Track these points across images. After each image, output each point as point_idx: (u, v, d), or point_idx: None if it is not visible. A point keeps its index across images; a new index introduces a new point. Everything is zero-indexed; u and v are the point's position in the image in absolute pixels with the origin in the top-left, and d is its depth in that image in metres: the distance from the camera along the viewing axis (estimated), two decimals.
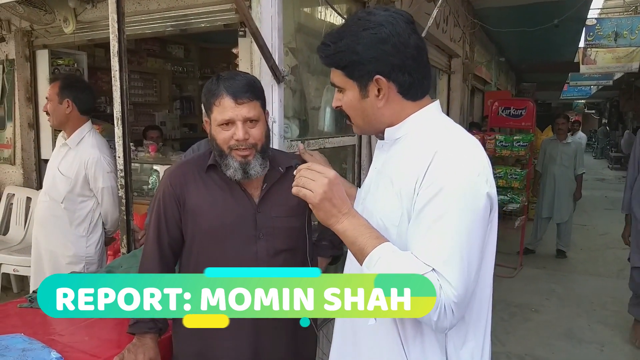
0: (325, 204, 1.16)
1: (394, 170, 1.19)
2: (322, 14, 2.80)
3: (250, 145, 1.54)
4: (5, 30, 4.01)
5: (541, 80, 14.16)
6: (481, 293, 1.20)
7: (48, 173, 2.89)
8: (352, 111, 1.24)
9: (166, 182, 1.67)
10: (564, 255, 6.34)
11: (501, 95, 8.43)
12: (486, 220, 1.12)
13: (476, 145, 1.18)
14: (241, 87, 1.54)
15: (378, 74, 1.17)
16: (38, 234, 2.93)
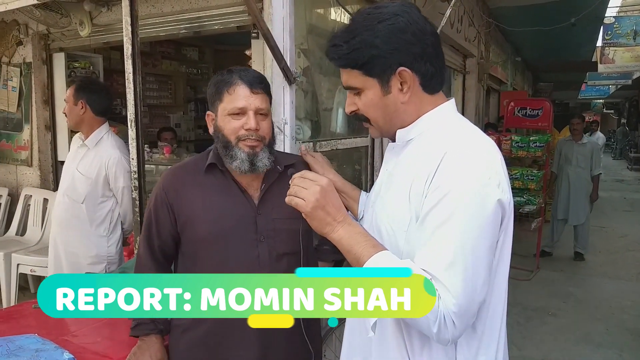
0: (319, 213, 1.13)
1: (405, 173, 1.15)
2: (333, 15, 2.79)
3: (260, 137, 1.51)
4: (23, 34, 4.07)
5: (558, 79, 13.96)
6: (495, 303, 1.14)
7: (65, 174, 2.93)
8: (374, 111, 1.18)
9: (159, 187, 1.62)
10: (582, 257, 6.24)
11: (517, 96, 8.33)
12: (496, 227, 1.07)
13: (490, 148, 1.12)
14: (256, 77, 1.54)
15: (401, 66, 1.11)
16: (57, 235, 2.95)
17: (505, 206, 1.07)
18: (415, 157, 1.14)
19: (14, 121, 4.34)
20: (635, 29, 7.45)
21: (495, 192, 1.04)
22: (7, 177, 4.54)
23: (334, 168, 3.09)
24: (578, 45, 8.99)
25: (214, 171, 1.57)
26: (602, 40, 8.10)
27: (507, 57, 8.86)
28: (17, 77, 4.18)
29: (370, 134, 1.30)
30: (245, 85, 1.49)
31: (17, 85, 4.21)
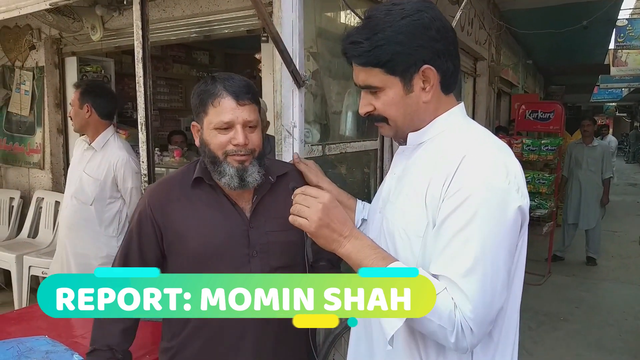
0: (324, 231, 1.09)
1: (417, 176, 1.12)
2: (343, 18, 2.79)
3: (249, 152, 1.42)
4: (36, 39, 4.13)
5: (570, 82, 13.86)
6: (511, 309, 1.12)
7: (72, 177, 2.96)
8: (393, 111, 1.13)
9: (143, 203, 1.51)
10: (594, 262, 6.17)
11: (528, 99, 8.27)
12: (516, 234, 1.05)
13: (507, 152, 1.10)
14: (242, 87, 1.42)
15: (425, 64, 1.08)
16: (66, 238, 2.98)
17: (524, 213, 1.05)
18: (429, 160, 1.11)
19: (26, 124, 4.39)
20: None
21: (515, 197, 1.02)
22: (20, 179, 4.59)
23: (343, 171, 3.10)
24: (590, 47, 8.92)
25: (202, 184, 1.48)
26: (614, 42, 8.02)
27: (518, 60, 8.80)
28: (30, 81, 4.24)
29: (381, 133, 1.26)
30: (231, 97, 1.39)
31: (30, 89, 4.26)
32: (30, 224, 4.38)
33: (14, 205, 4.46)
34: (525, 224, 1.08)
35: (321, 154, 2.40)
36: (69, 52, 4.12)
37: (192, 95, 1.47)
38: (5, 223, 4.47)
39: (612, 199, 6.30)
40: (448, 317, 0.98)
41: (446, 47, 1.10)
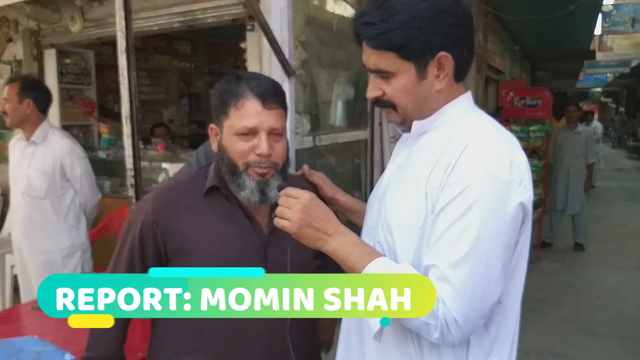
0: (306, 231, 1.08)
1: (419, 165, 1.09)
2: (331, 7, 2.74)
3: (272, 164, 1.27)
4: (13, 31, 4.01)
5: (556, 69, 13.94)
6: (511, 304, 1.10)
7: (17, 176, 2.93)
8: (404, 97, 1.09)
9: (147, 209, 1.32)
10: (582, 248, 6.24)
11: (516, 85, 8.29)
12: (516, 229, 1.01)
13: (514, 144, 1.06)
14: (270, 89, 1.28)
15: (441, 50, 1.04)
16: (24, 238, 2.95)
17: (526, 208, 1.01)
18: (432, 149, 1.07)
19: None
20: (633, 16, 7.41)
21: (517, 191, 0.99)
22: (1, 177, 4.48)
23: (332, 162, 3.07)
24: (576, 33, 8.95)
25: (215, 194, 1.33)
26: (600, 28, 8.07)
27: (505, 47, 8.81)
28: (8, 74, 4.12)
29: (387, 119, 1.19)
30: (257, 99, 1.24)
31: None
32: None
33: None
34: (528, 220, 1.04)
35: (312, 144, 2.36)
36: (48, 44, 4.01)
37: (212, 94, 1.33)
38: None
39: (599, 184, 6.38)
40: (431, 313, 0.96)
41: (463, 33, 1.07)
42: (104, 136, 4.54)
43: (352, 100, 2.91)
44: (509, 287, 1.07)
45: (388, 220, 1.11)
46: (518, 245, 1.05)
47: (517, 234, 1.03)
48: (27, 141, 2.87)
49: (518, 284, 1.10)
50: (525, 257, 1.09)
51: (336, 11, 2.72)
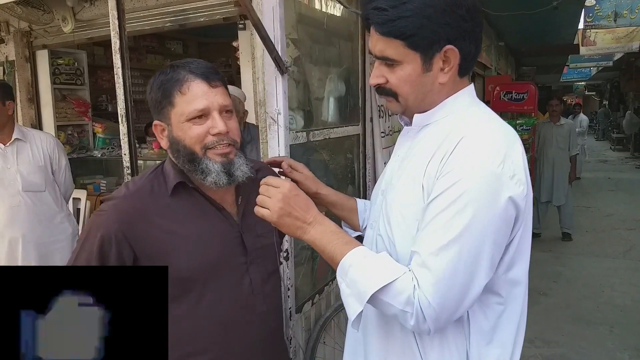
0: (286, 220, 1.10)
1: (418, 158, 1.08)
2: (322, 5, 2.79)
3: (232, 141, 1.23)
4: (4, 32, 4.00)
5: (541, 63, 14.08)
6: (511, 299, 1.09)
7: (4, 177, 2.90)
8: (407, 88, 1.07)
9: (108, 220, 1.21)
10: (570, 237, 6.35)
11: (501, 80, 8.40)
12: (506, 224, 1.00)
13: (511, 138, 1.05)
14: (209, 67, 1.24)
15: (449, 43, 1.02)
16: (29, 234, 2.94)
17: (518, 203, 0.99)
18: (432, 142, 1.07)
19: None
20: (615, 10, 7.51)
21: (509, 185, 0.98)
22: None
23: (325, 157, 3.12)
24: (560, 28, 9.05)
25: (181, 192, 1.27)
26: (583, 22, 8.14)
27: (490, 42, 8.90)
28: (0, 76, 4.12)
29: (388, 108, 1.22)
30: (201, 80, 1.20)
31: None
32: None
33: None
34: (523, 214, 1.02)
35: (305, 140, 2.41)
36: (40, 45, 4.01)
37: (150, 89, 1.25)
38: None
39: (584, 175, 6.49)
40: (407, 300, 0.96)
41: (473, 28, 1.04)
42: (99, 136, 4.56)
43: (344, 97, 2.96)
44: (507, 281, 1.07)
45: (388, 213, 1.12)
46: (515, 238, 1.04)
47: (509, 229, 1.01)
48: (4, 143, 2.91)
49: (519, 277, 1.09)
50: (525, 250, 1.09)
51: (327, 9, 2.77)
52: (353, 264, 1.02)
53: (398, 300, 0.97)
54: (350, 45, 3.02)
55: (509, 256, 1.05)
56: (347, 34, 3.03)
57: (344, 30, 3.02)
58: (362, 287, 1.00)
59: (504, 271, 1.06)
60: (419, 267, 0.98)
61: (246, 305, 1.29)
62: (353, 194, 3.18)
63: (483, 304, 1.07)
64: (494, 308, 1.08)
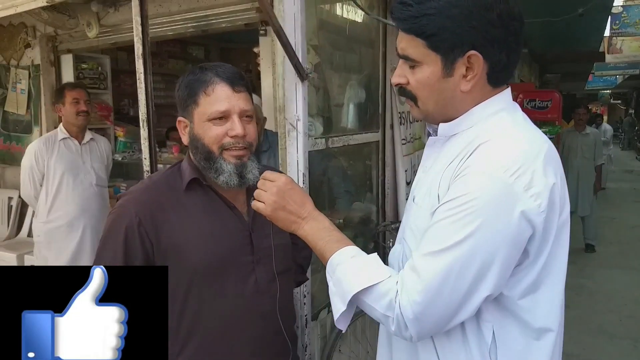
0: (280, 214, 1.10)
1: (440, 170, 1.02)
2: (343, 11, 2.78)
3: (247, 144, 1.30)
4: (31, 37, 4.09)
5: (565, 71, 13.86)
6: (544, 322, 1.01)
7: (80, 169, 3.30)
8: (426, 92, 1.01)
9: (128, 214, 1.28)
10: (593, 249, 6.22)
11: (525, 88, 8.26)
12: (514, 242, 0.91)
13: (538, 149, 0.95)
14: (235, 73, 1.31)
15: (473, 49, 0.95)
16: (90, 222, 3.28)
17: (532, 219, 0.91)
18: (454, 152, 1.01)
19: (23, 123, 4.35)
20: None
21: (521, 198, 0.89)
22: (18, 179, 4.53)
23: (344, 164, 3.10)
24: (585, 35, 8.90)
25: (195, 188, 1.34)
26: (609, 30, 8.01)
27: None
28: (26, 79, 4.20)
29: (412, 114, 1.16)
30: (226, 84, 1.27)
31: (26, 88, 4.22)
32: (30, 223, 4.35)
33: (13, 205, 4.44)
34: (543, 235, 0.93)
35: (324, 146, 2.40)
36: (65, 49, 4.09)
37: (178, 87, 1.35)
38: (4, 223, 4.44)
39: (609, 185, 6.37)
40: (388, 305, 0.94)
41: (505, 36, 0.96)
42: (120, 139, 4.63)
43: (364, 103, 2.94)
44: (540, 302, 0.99)
45: (410, 222, 1.10)
46: (540, 258, 0.96)
47: (518, 247, 0.93)
48: (79, 141, 3.34)
49: (550, 297, 1.00)
50: (558, 270, 1.00)
51: (348, 15, 2.76)
52: (341, 263, 1.01)
53: (380, 303, 0.96)
54: (372, 52, 3.01)
55: (533, 275, 0.96)
56: (369, 40, 3.01)
57: (365, 37, 3.01)
58: (346, 287, 0.99)
59: (520, 297, 0.96)
60: (410, 269, 0.95)
61: (250, 303, 1.32)
62: (371, 201, 3.16)
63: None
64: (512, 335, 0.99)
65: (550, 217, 0.94)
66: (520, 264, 0.95)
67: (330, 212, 2.85)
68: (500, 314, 0.98)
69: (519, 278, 0.96)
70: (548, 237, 0.95)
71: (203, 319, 1.30)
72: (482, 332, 0.98)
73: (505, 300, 0.97)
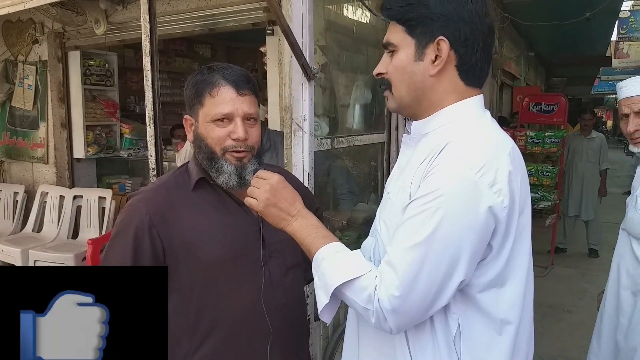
0: (271, 210, 1.15)
1: (411, 167, 1.07)
2: (350, 12, 2.79)
3: (248, 148, 1.31)
4: (39, 33, 4.11)
5: (571, 75, 13.82)
6: (511, 316, 1.06)
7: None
8: (399, 75, 1.09)
9: (139, 212, 1.28)
10: (597, 254, 6.18)
11: (530, 91, 8.25)
12: (481, 234, 0.96)
13: (503, 149, 1.01)
14: (242, 76, 1.32)
15: (443, 35, 1.04)
16: None
17: (497, 214, 0.96)
18: (426, 152, 1.05)
19: (30, 119, 4.38)
20: None
21: (487, 194, 0.95)
22: (24, 174, 4.59)
23: (349, 164, 3.11)
24: (592, 39, 8.89)
25: (204, 186, 1.35)
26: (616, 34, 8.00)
27: (520, 52, 8.78)
28: (33, 75, 4.23)
29: (387, 106, 1.18)
30: (231, 86, 1.29)
31: (33, 84, 4.25)
32: (35, 219, 4.38)
33: (18, 200, 4.46)
34: (503, 224, 0.98)
35: (330, 147, 2.41)
36: (72, 46, 4.11)
37: (186, 86, 1.37)
38: (9, 217, 4.47)
39: (613, 190, 6.34)
40: (368, 298, 0.98)
41: (472, 34, 1.04)
42: (126, 136, 4.64)
43: (370, 104, 2.95)
44: (502, 296, 1.04)
45: (384, 216, 1.14)
46: (502, 252, 1.01)
47: (484, 240, 0.98)
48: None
49: (515, 295, 1.06)
50: (520, 267, 1.05)
51: (355, 16, 2.77)
52: (325, 258, 1.06)
53: (360, 297, 1.00)
54: (378, 53, 2.99)
55: (497, 269, 1.01)
56: (376, 41, 3.01)
57: (373, 38, 3.01)
58: (329, 280, 1.03)
59: (479, 290, 1.01)
60: (386, 265, 0.99)
61: (265, 297, 1.34)
62: (376, 202, 3.16)
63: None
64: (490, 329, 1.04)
65: (512, 214, 0.99)
66: (484, 259, 1.00)
67: (334, 212, 2.85)
68: (465, 306, 1.03)
69: (483, 271, 1.01)
70: (509, 232, 1.00)
71: (221, 315, 1.32)
72: (449, 323, 1.03)
73: (470, 292, 1.02)
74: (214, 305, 1.32)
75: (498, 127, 1.11)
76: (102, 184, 4.60)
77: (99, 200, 4.19)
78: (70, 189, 4.30)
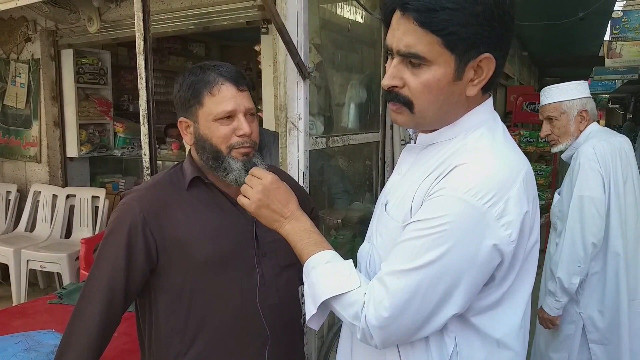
0: (263, 211, 1.10)
1: (416, 176, 1.00)
2: (345, 11, 2.78)
3: (253, 143, 1.31)
4: (31, 30, 4.08)
5: (564, 74, 13.90)
6: (510, 342, 0.99)
7: None
8: (430, 95, 0.92)
9: (132, 211, 1.27)
10: None
11: (524, 91, 8.27)
12: (482, 270, 0.90)
13: (515, 175, 0.90)
14: (238, 72, 1.31)
15: (488, 52, 0.88)
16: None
17: (502, 250, 0.88)
18: (432, 162, 0.98)
19: (22, 117, 4.35)
20: None
21: (493, 227, 0.87)
22: (16, 173, 4.56)
23: (345, 163, 3.10)
24: (585, 39, 8.92)
25: (198, 185, 1.34)
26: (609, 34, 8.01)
27: (514, 52, 8.82)
28: (26, 73, 4.20)
29: (395, 120, 1.03)
30: (231, 83, 1.28)
31: (26, 82, 4.22)
32: (28, 218, 4.35)
33: (11, 199, 4.43)
34: (513, 261, 0.92)
35: (325, 146, 2.40)
36: (65, 44, 4.08)
37: (179, 88, 1.32)
38: (2, 217, 4.44)
39: None
40: (355, 315, 0.95)
41: (508, 43, 0.92)
42: (119, 135, 4.62)
43: (365, 103, 2.95)
44: (501, 318, 0.98)
45: (380, 229, 1.08)
46: (505, 282, 0.95)
47: (486, 274, 0.91)
48: None
49: (511, 314, 0.99)
50: (522, 291, 0.99)
51: (350, 15, 2.76)
52: (315, 267, 1.01)
53: (348, 312, 0.96)
54: (373, 52, 3.01)
55: (486, 302, 0.96)
56: (370, 40, 3.01)
57: (367, 37, 3.01)
58: (317, 292, 0.99)
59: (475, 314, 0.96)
60: (378, 283, 0.94)
61: (257, 296, 1.33)
62: (371, 200, 3.16)
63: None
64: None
65: (520, 245, 0.92)
66: (485, 285, 0.94)
67: (329, 211, 2.85)
68: (462, 325, 0.98)
69: (483, 296, 0.96)
70: (515, 263, 0.94)
71: (211, 314, 1.31)
72: (445, 341, 0.98)
73: (466, 315, 0.97)
74: (205, 304, 1.30)
75: (512, 141, 1.01)
76: (96, 183, 4.57)
77: (92, 199, 4.17)
78: (63, 188, 4.28)
